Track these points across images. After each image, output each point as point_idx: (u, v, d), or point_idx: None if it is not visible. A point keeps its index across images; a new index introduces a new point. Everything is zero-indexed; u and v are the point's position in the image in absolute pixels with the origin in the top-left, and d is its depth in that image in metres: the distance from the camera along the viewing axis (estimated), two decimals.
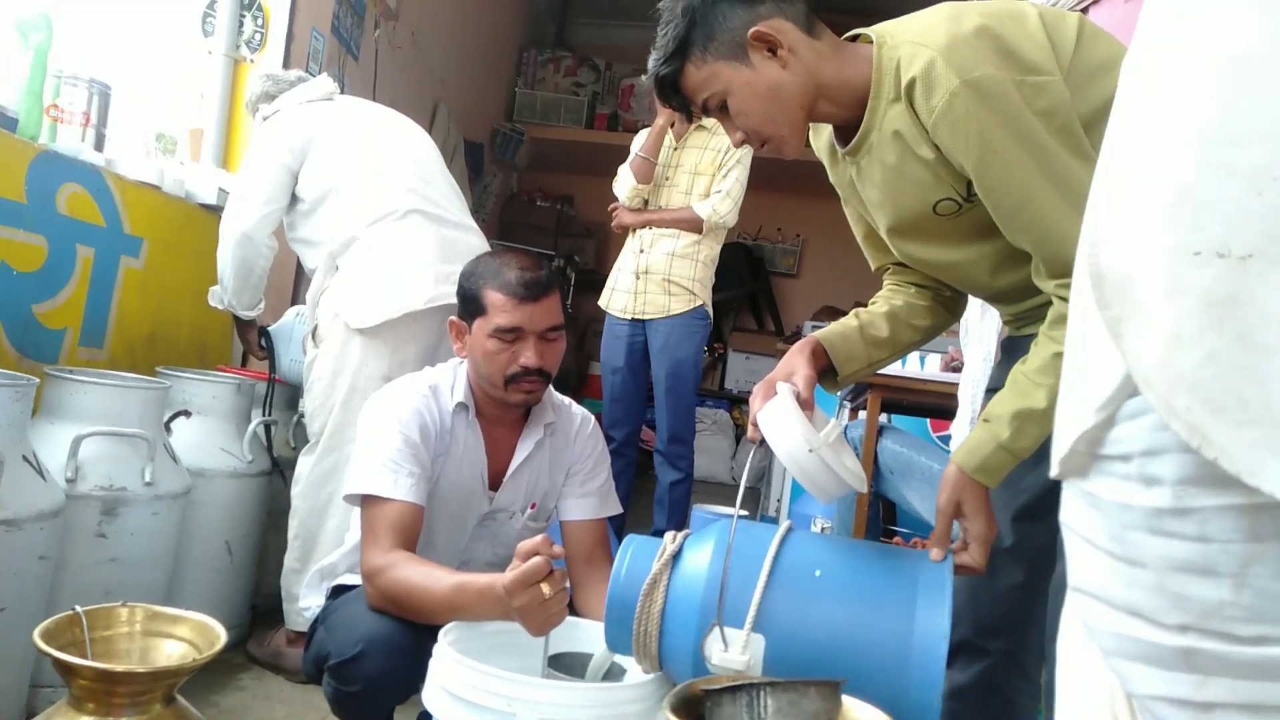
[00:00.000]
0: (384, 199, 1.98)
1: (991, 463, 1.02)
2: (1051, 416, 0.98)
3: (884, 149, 1.06)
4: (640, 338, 2.88)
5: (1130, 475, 0.49)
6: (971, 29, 0.97)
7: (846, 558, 1.04)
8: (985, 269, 1.12)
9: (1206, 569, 0.46)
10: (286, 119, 2.06)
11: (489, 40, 5.30)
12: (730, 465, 5.37)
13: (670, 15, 1.07)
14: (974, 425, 1.74)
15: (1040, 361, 1.00)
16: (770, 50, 1.05)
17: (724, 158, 2.80)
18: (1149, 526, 0.48)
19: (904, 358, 1.58)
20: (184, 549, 1.86)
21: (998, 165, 0.97)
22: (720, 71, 1.06)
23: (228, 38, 2.73)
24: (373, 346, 1.92)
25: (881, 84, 1.03)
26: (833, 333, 1.21)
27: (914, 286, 1.26)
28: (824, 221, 5.99)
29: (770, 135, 1.09)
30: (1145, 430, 0.48)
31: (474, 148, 5.19)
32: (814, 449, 0.97)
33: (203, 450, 1.99)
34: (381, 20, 3.72)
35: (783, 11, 1.05)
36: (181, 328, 2.43)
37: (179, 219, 2.38)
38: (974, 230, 1.08)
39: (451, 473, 1.49)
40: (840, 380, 1.22)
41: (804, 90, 1.06)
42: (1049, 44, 1.00)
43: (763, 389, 1.11)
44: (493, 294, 1.44)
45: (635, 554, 1.07)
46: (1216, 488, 0.45)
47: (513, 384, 1.46)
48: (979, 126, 0.96)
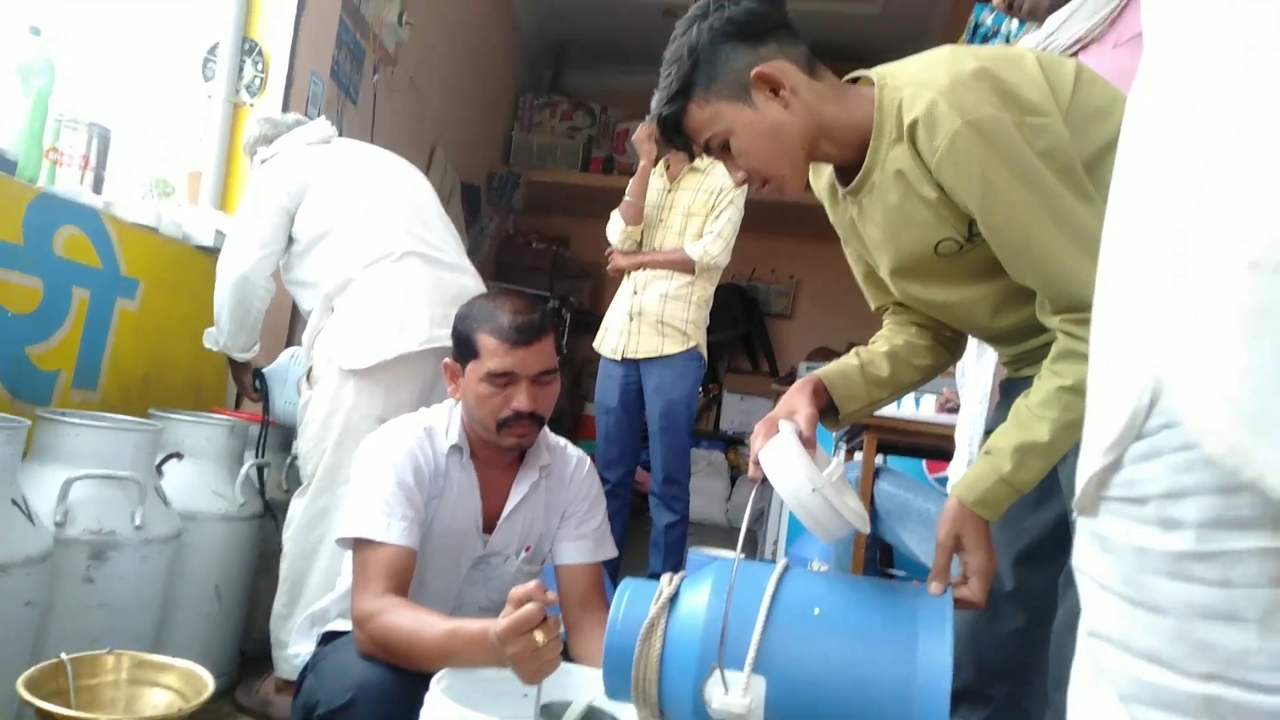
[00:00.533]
0: (381, 240, 1.99)
1: (993, 496, 1.01)
2: (1053, 450, 0.99)
3: (886, 189, 1.07)
4: (634, 379, 2.88)
5: (1147, 519, 0.48)
6: (971, 71, 0.98)
7: (845, 594, 1.03)
8: (986, 310, 1.12)
9: (1230, 615, 0.44)
10: (284, 161, 2.08)
11: (486, 85, 5.38)
12: (726, 507, 5.33)
13: (674, 56, 1.09)
14: (970, 467, 1.74)
15: (1043, 395, 1.00)
16: (773, 90, 1.06)
17: (716, 199, 2.83)
18: (1169, 571, 0.46)
19: (901, 398, 1.58)
20: (173, 593, 1.84)
21: (1002, 204, 0.98)
22: (723, 111, 1.07)
23: (228, 82, 2.77)
24: (367, 388, 1.91)
25: (884, 124, 1.05)
26: (833, 371, 1.21)
27: (914, 326, 1.26)
28: (818, 263, 6.04)
29: (772, 175, 1.10)
30: (1165, 472, 0.47)
31: (471, 190, 5.24)
32: (817, 488, 0.97)
33: (194, 493, 1.98)
34: (380, 65, 3.77)
35: (785, 53, 1.07)
36: (176, 369, 2.42)
37: (176, 261, 2.39)
38: (975, 271, 1.09)
39: (445, 515, 1.48)
40: (841, 419, 1.22)
41: (806, 130, 1.07)
42: (1047, 86, 1.01)
43: (764, 427, 1.10)
44: (485, 338, 1.44)
45: (632, 598, 1.05)
46: (1240, 530, 0.44)
47: (505, 428, 1.45)
48: (982, 166, 0.97)
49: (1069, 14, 1.47)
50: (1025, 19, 1.56)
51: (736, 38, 1.06)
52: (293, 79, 2.89)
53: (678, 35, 1.10)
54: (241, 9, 2.79)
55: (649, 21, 5.15)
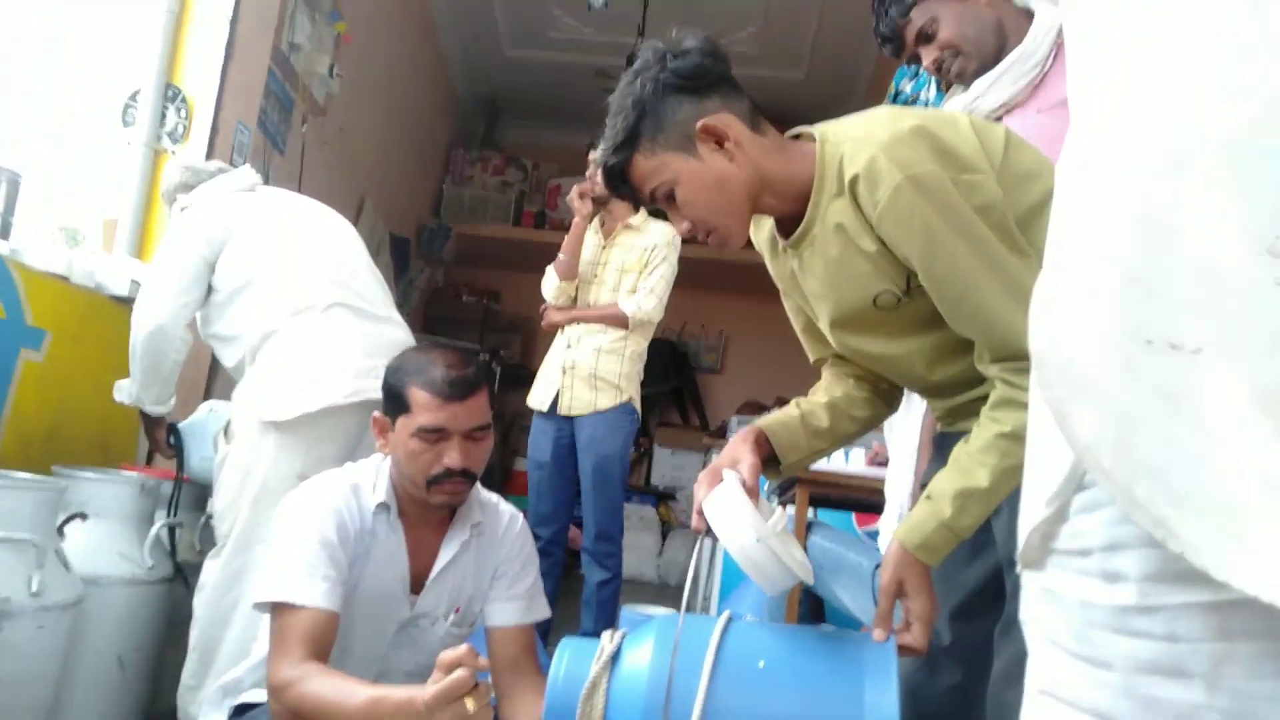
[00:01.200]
0: (306, 290, 1.94)
1: (934, 540, 1.02)
2: (993, 495, 1.01)
3: (827, 241, 1.10)
4: (567, 433, 2.85)
5: (1090, 571, 0.47)
6: (910, 129, 1.02)
7: (790, 645, 1.02)
8: (922, 362, 1.15)
9: (1177, 670, 0.44)
10: (205, 209, 2.02)
11: (418, 138, 5.38)
12: (657, 563, 5.29)
13: (619, 107, 1.10)
14: (900, 520, 1.77)
15: (983, 441, 1.02)
16: (717, 143, 1.08)
17: (650, 255, 2.86)
18: (1114, 625, 0.46)
19: (841, 449, 1.60)
20: (72, 664, 1.71)
21: (942, 256, 1.01)
22: (669, 162, 1.09)
23: (149, 129, 2.70)
24: (288, 443, 1.84)
25: (825, 179, 1.07)
26: (775, 421, 1.22)
27: (852, 378, 1.28)
28: (746, 318, 6.14)
29: (716, 225, 1.11)
30: (1105, 524, 0.46)
31: (400, 242, 5.19)
32: (762, 539, 0.96)
33: (99, 555, 1.86)
34: (310, 116, 3.74)
35: (730, 107, 1.10)
36: (84, 423, 2.30)
37: (87, 311, 2.28)
38: (912, 324, 1.11)
39: (371, 576, 1.42)
40: (783, 469, 1.22)
41: (749, 182, 1.09)
42: (980, 147, 1.05)
43: (707, 477, 1.10)
44: (417, 392, 1.40)
45: (572, 657, 1.02)
46: (1183, 584, 0.43)
47: (435, 485, 1.41)
48: (923, 220, 1.00)
49: (994, 79, 1.54)
50: (954, 82, 1.63)
51: (682, 91, 1.08)
52: (218, 127, 2.83)
53: (623, 86, 1.11)
54: (165, 55, 2.74)
55: (582, 81, 5.24)
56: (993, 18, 1.55)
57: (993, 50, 1.55)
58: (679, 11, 4.68)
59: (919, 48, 1.59)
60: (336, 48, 3.81)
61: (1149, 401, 0.42)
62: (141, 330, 1.96)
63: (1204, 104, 0.42)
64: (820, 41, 5.07)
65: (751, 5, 4.81)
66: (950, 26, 1.54)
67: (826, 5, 4.73)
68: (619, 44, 4.69)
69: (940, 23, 1.55)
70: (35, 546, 1.57)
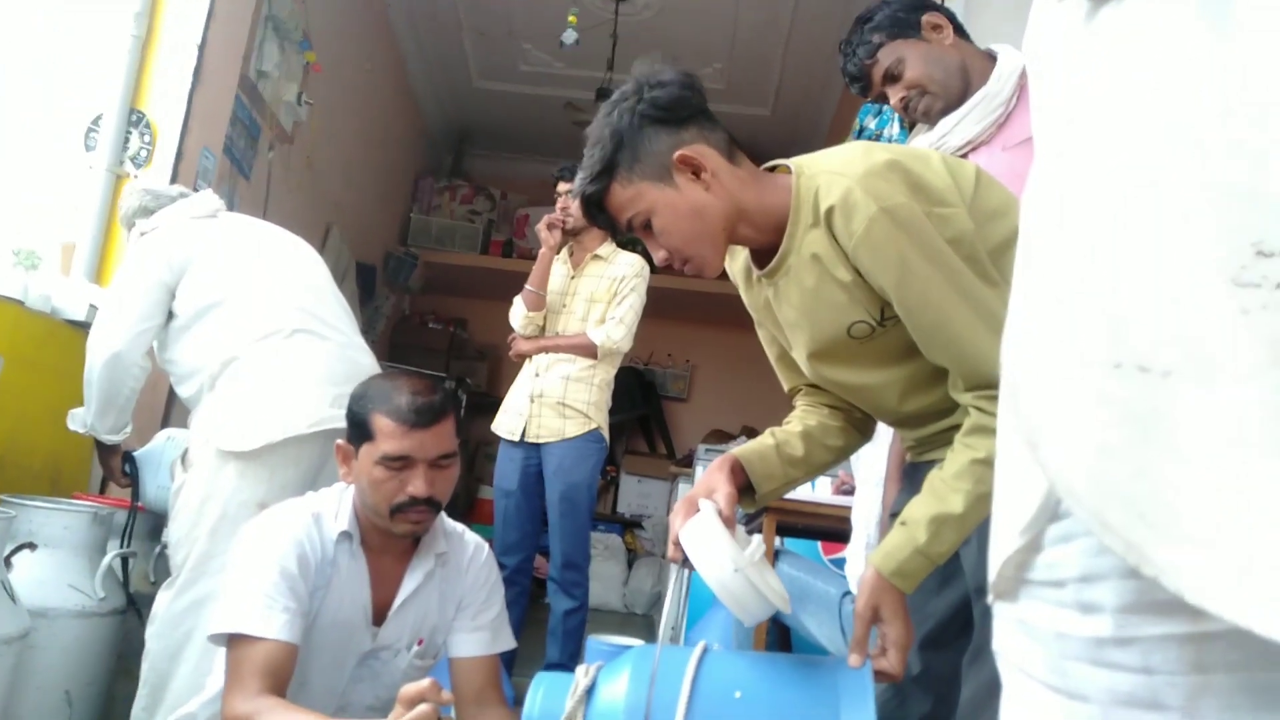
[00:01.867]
0: (268, 317, 1.91)
1: (909, 567, 1.03)
2: (966, 521, 1.01)
3: (802, 271, 1.11)
4: (535, 461, 2.83)
5: (1065, 602, 0.47)
6: (884, 163, 1.04)
7: (766, 674, 1.01)
8: (895, 394, 1.16)
9: (1153, 703, 0.43)
10: (166, 234, 1.98)
11: (385, 167, 5.37)
12: (623, 592, 5.24)
13: (598, 137, 1.11)
14: (868, 549, 1.78)
15: (957, 467, 1.03)
16: (694, 173, 1.10)
17: (619, 285, 2.87)
18: (1090, 657, 0.45)
19: (814, 479, 1.60)
20: (16, 701, 1.65)
21: (916, 285, 1.03)
22: (646, 191, 1.10)
23: (111, 153, 2.67)
24: (249, 471, 1.81)
25: (800, 210, 1.09)
26: (750, 451, 1.23)
27: (826, 408, 1.29)
28: (713, 348, 6.18)
29: (692, 255, 1.12)
30: (1079, 555, 0.46)
31: (366, 269, 5.16)
32: (740, 569, 0.96)
33: (48, 587, 1.80)
34: (276, 143, 3.72)
35: (706, 138, 1.11)
36: (35, 452, 2.24)
37: (40, 336, 2.24)
38: (886, 355, 1.13)
39: (332, 607, 1.39)
40: (759, 499, 1.22)
41: (726, 212, 1.11)
42: (952, 182, 1.08)
43: (683, 507, 1.10)
44: (381, 419, 1.38)
45: (547, 693, 1.01)
46: (1158, 615, 0.43)
47: (399, 514, 1.39)
48: (898, 250, 1.02)
49: (960, 118, 1.58)
50: (920, 120, 1.67)
51: (660, 121, 1.10)
52: (182, 152, 2.81)
53: (602, 117, 1.13)
54: (130, 80, 2.71)
55: (551, 113, 5.29)
56: (957, 59, 1.60)
57: (958, 90, 1.59)
58: (646, 47, 4.75)
59: (886, 87, 1.63)
60: (305, 76, 3.81)
61: (1120, 427, 0.42)
62: (98, 358, 1.91)
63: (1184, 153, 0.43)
64: (785, 79, 5.17)
65: (718, 42, 4.89)
66: (916, 67, 1.58)
67: (791, 44, 4.83)
68: (588, 77, 4.74)
69: (906, 63, 1.59)
70: None
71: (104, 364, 1.90)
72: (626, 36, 4.49)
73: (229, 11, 2.99)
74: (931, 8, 1.62)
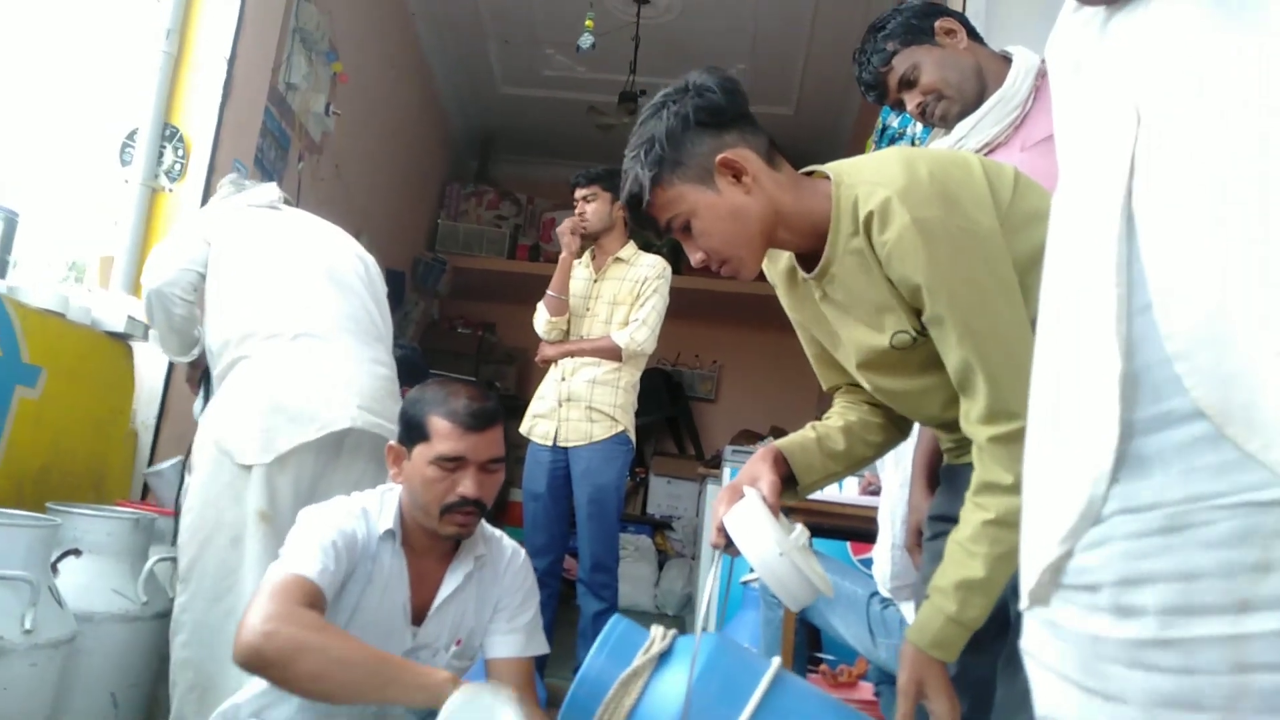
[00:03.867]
0: (280, 318, 1.90)
1: (944, 637, 1.02)
2: (991, 584, 1.01)
3: (846, 278, 1.12)
4: (563, 464, 2.86)
5: (1100, 606, 0.47)
6: (925, 175, 1.04)
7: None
8: (938, 401, 1.15)
9: (1195, 704, 0.43)
10: (219, 210, 2.09)
11: (412, 174, 5.43)
12: (654, 593, 5.25)
13: (641, 139, 1.12)
14: (894, 550, 1.77)
15: (972, 530, 1.02)
16: (735, 176, 1.10)
17: (641, 288, 2.89)
18: (1128, 659, 0.46)
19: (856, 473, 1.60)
20: (63, 703, 1.70)
21: (942, 298, 1.02)
22: (687, 194, 1.11)
23: (146, 167, 2.73)
24: (249, 479, 1.79)
25: (840, 219, 1.09)
26: (792, 442, 1.23)
27: (867, 404, 1.29)
28: (740, 348, 6.17)
29: (730, 256, 1.13)
30: (1117, 559, 0.46)
31: (395, 276, 5.22)
32: (785, 552, 0.97)
33: (92, 592, 1.86)
34: (305, 153, 3.78)
35: (747, 142, 1.12)
36: (78, 460, 2.30)
37: (82, 347, 2.30)
38: (929, 363, 1.11)
39: (372, 603, 1.42)
40: (800, 490, 1.23)
41: (765, 216, 1.11)
42: (989, 192, 1.07)
43: (727, 494, 1.10)
44: (438, 421, 1.43)
45: (621, 637, 1.02)
46: (1204, 616, 0.43)
47: (448, 514, 1.43)
48: (927, 262, 1.02)
49: (977, 120, 1.57)
50: (937, 125, 1.67)
51: (703, 125, 1.11)
52: (215, 165, 2.87)
53: (646, 118, 1.14)
54: (163, 95, 2.78)
55: (575, 117, 5.31)
56: (972, 62, 1.59)
57: (974, 93, 1.58)
58: (669, 49, 4.77)
59: (902, 93, 1.62)
60: (333, 87, 3.87)
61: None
62: (147, 289, 2.05)
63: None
64: (808, 77, 5.15)
65: (740, 43, 4.89)
66: (932, 72, 1.58)
67: (814, 42, 4.81)
68: (611, 81, 4.76)
69: (922, 69, 1.58)
70: (29, 584, 1.57)
71: (149, 298, 2.05)
72: (648, 39, 4.50)
73: (257, 26, 3.05)
74: (944, 13, 1.62)
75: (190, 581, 1.82)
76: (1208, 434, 0.44)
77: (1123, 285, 0.48)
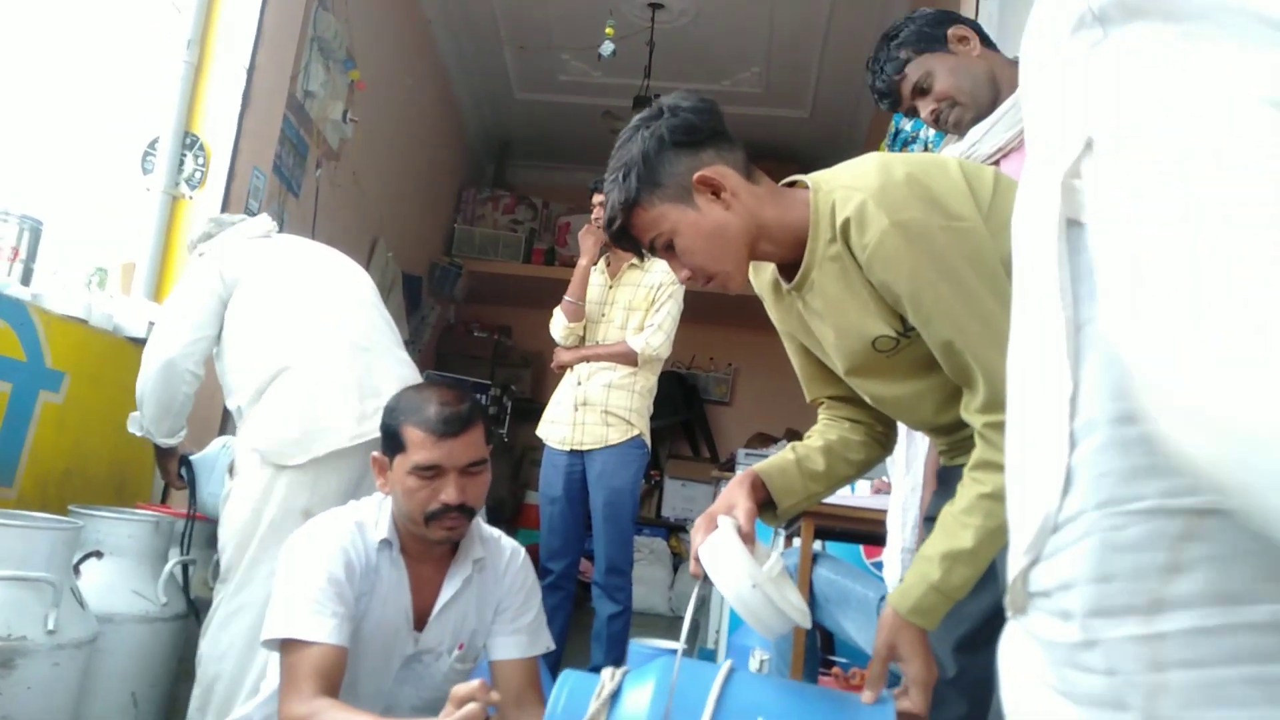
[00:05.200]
0: (314, 333, 1.98)
1: (925, 604, 1.03)
2: (979, 556, 1.01)
3: (825, 285, 1.13)
4: (579, 468, 2.87)
5: (1052, 610, 0.49)
6: (901, 177, 1.05)
7: (790, 703, 1.02)
8: (930, 405, 1.16)
9: (1119, 703, 0.45)
10: (220, 251, 2.07)
11: (429, 179, 5.47)
12: (669, 595, 5.26)
13: (619, 162, 1.14)
14: (904, 553, 1.77)
15: (966, 503, 1.03)
16: (714, 193, 1.11)
17: (656, 293, 2.90)
18: (1071, 662, 0.47)
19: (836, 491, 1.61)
20: (86, 702, 1.74)
21: (929, 299, 1.03)
22: (667, 213, 1.12)
23: (167, 175, 2.77)
24: (295, 481, 1.86)
25: (819, 225, 1.10)
26: (771, 466, 1.24)
27: (847, 422, 1.30)
28: (755, 351, 6.16)
29: (715, 272, 1.14)
30: (1061, 565, 0.48)
31: (412, 280, 5.26)
32: (757, 584, 0.97)
33: (114, 593, 1.89)
34: (323, 160, 3.82)
35: (724, 158, 1.13)
36: (100, 463, 2.34)
37: (105, 353, 2.34)
38: (916, 366, 1.13)
39: (376, 612, 1.44)
40: (780, 514, 1.23)
41: (746, 229, 1.12)
42: (969, 192, 1.08)
43: (704, 522, 1.11)
44: (411, 430, 1.43)
45: (572, 692, 1.04)
46: (1116, 617, 0.45)
47: (433, 521, 1.43)
48: (910, 263, 1.02)
49: (990, 126, 1.58)
50: (951, 131, 1.67)
51: (678, 145, 1.12)
52: (234, 172, 2.91)
53: (622, 142, 1.15)
54: (183, 104, 2.82)
55: (590, 122, 5.34)
56: (985, 69, 1.59)
57: (988, 100, 1.58)
58: (684, 54, 4.79)
59: (916, 101, 1.62)
60: (350, 94, 3.91)
61: None
62: (153, 365, 1.98)
63: None
64: (823, 80, 5.15)
65: (755, 47, 4.90)
66: (945, 79, 1.58)
67: (828, 46, 4.81)
68: (626, 85, 4.78)
69: (935, 76, 1.58)
70: (52, 585, 1.60)
71: (158, 370, 1.98)
72: (663, 44, 4.52)
73: (276, 35, 3.09)
74: (957, 20, 1.62)
75: (229, 581, 1.87)
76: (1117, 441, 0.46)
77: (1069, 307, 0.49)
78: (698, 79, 4.95)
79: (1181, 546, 0.43)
